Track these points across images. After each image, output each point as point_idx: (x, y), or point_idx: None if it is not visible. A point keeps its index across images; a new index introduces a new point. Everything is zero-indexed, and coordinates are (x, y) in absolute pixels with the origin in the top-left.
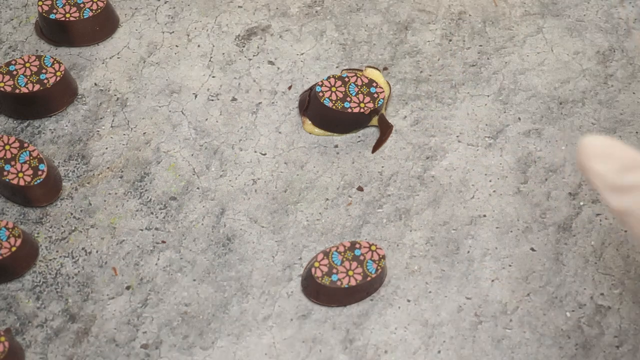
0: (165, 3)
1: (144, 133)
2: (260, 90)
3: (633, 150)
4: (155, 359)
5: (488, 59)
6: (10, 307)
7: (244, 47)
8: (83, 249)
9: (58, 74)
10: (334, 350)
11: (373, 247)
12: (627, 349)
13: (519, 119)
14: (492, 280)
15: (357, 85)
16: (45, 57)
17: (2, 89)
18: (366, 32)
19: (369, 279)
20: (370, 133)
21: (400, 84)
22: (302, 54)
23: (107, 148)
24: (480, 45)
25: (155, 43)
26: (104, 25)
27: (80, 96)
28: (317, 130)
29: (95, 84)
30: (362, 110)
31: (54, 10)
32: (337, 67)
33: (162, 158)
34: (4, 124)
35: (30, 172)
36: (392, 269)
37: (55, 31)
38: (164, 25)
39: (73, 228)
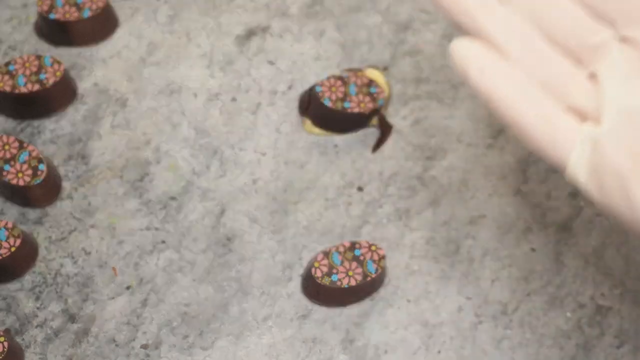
0: (165, 3)
1: (144, 133)
2: (260, 90)
3: None
4: (155, 359)
5: None
6: (10, 307)
7: (244, 47)
8: (83, 249)
9: (58, 74)
10: (334, 350)
11: (373, 247)
12: (628, 349)
13: None
14: (492, 280)
15: (357, 85)
16: (44, 57)
17: (1, 89)
18: (366, 32)
19: (369, 279)
20: (370, 133)
21: (400, 84)
22: (302, 54)
23: (107, 148)
24: None
25: (155, 43)
26: (103, 25)
27: (80, 96)
28: (317, 130)
29: (95, 84)
30: (362, 110)
31: (54, 10)
32: (337, 67)
33: (162, 158)
34: (3, 124)
35: (29, 172)
36: (392, 269)
37: (55, 31)
38: (164, 25)
39: (73, 228)
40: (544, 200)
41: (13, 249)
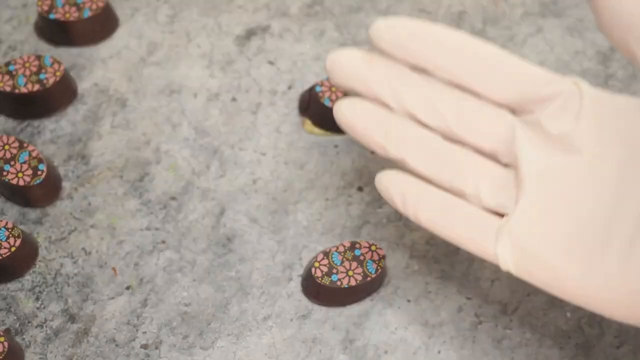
0: (165, 3)
1: (144, 133)
2: (260, 90)
3: None
4: (155, 359)
5: None
6: (10, 307)
7: (244, 47)
8: (83, 249)
9: (58, 74)
10: (334, 350)
11: (373, 247)
12: (628, 349)
13: None
14: (492, 280)
15: None
16: (44, 57)
17: (1, 89)
18: (366, 32)
19: (369, 279)
20: None
21: None
22: (302, 54)
23: (107, 148)
24: None
25: (155, 43)
26: (104, 25)
27: (80, 96)
28: (317, 130)
29: (95, 84)
30: None
31: (54, 10)
32: None
33: (162, 158)
34: (3, 124)
35: (29, 172)
36: (392, 269)
37: (55, 31)
38: (164, 25)
39: (73, 228)
40: None
41: (13, 249)
